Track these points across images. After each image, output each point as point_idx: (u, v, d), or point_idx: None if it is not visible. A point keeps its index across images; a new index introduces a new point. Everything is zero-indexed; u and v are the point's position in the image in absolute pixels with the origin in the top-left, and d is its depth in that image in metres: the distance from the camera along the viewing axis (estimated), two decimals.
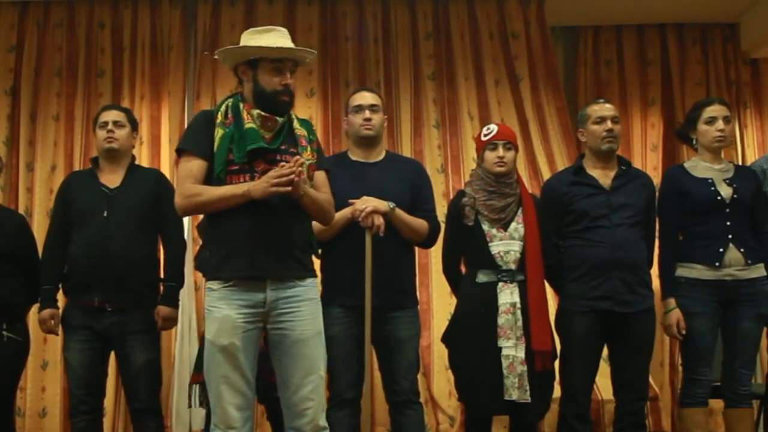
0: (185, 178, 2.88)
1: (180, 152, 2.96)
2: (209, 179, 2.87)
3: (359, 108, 3.48)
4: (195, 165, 2.87)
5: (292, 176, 2.75)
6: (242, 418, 2.82)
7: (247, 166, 2.86)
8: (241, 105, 2.93)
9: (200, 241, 3.68)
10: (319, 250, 3.19)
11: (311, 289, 2.93)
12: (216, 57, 3.07)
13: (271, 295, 2.84)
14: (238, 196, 2.80)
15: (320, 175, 3.02)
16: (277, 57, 2.91)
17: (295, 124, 2.99)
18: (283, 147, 2.91)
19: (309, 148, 2.95)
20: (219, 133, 2.88)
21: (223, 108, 2.95)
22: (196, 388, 3.54)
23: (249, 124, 2.88)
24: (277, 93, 2.91)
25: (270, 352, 2.92)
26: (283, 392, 2.89)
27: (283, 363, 2.86)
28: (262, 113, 2.89)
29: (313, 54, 3.04)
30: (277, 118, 2.91)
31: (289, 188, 2.76)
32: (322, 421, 2.88)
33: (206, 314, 2.90)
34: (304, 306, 2.87)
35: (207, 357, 2.86)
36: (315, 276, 2.98)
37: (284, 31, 3.00)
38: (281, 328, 2.85)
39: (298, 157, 2.84)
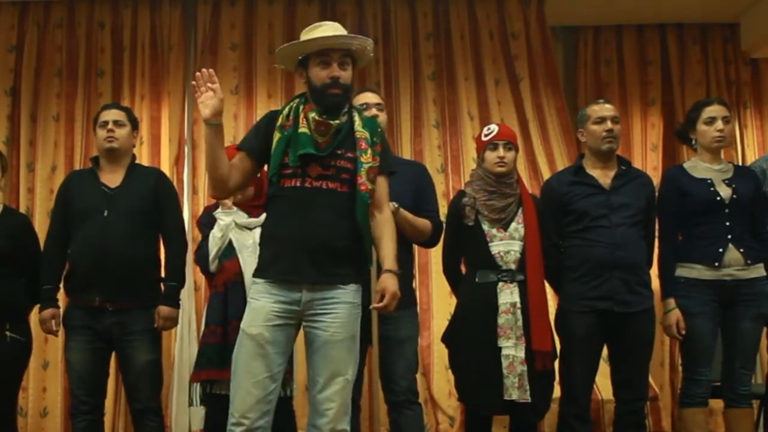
0: (232, 165, 2.93)
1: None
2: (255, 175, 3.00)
3: (366, 107, 3.47)
4: (237, 157, 2.94)
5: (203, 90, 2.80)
6: (259, 410, 2.79)
7: (301, 170, 2.84)
8: (302, 107, 2.89)
9: (200, 239, 3.69)
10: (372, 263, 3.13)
11: (352, 293, 2.87)
12: (277, 66, 3.05)
13: (306, 296, 2.83)
14: (207, 134, 2.89)
15: (381, 181, 2.93)
16: (322, 49, 2.85)
17: (357, 125, 2.91)
18: (339, 151, 2.86)
19: (369, 151, 2.88)
20: (277, 136, 2.87)
21: (286, 110, 2.92)
22: (196, 386, 3.54)
23: (302, 129, 2.85)
24: (326, 87, 2.84)
25: (305, 350, 2.92)
26: (310, 389, 2.89)
27: (313, 361, 2.85)
28: (317, 117, 2.84)
29: (362, 40, 2.89)
30: (331, 122, 2.85)
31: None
32: (342, 425, 2.82)
33: (247, 306, 2.90)
34: (340, 309, 2.84)
35: (237, 344, 2.85)
36: (359, 282, 2.92)
37: (334, 25, 2.94)
38: (315, 327, 2.84)
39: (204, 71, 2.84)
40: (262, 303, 2.83)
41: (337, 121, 2.86)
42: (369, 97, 3.50)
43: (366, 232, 2.88)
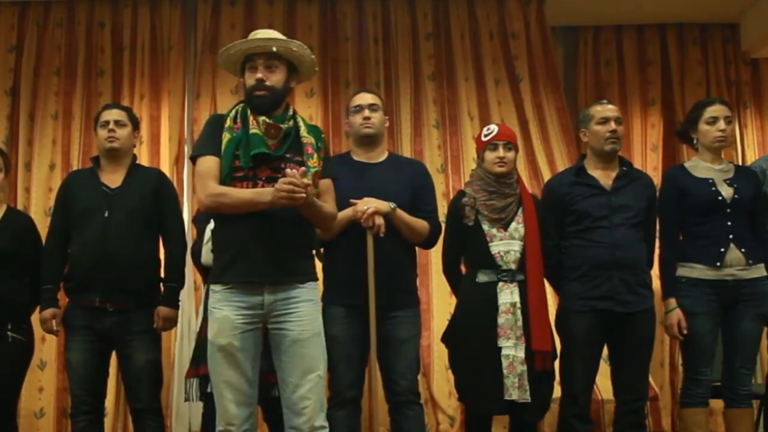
0: (207, 176, 2.90)
1: (194, 159, 2.97)
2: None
3: (359, 108, 3.49)
4: (213, 162, 2.90)
5: (300, 193, 2.75)
6: (241, 415, 2.87)
7: (252, 173, 2.89)
8: (249, 111, 2.94)
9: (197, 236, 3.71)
10: (322, 249, 3.20)
11: (311, 291, 2.95)
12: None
13: (268, 298, 2.88)
14: (263, 204, 2.81)
15: (325, 184, 3.01)
16: (249, 54, 2.94)
17: (303, 131, 2.98)
18: (288, 155, 2.92)
19: (315, 156, 2.94)
20: (226, 137, 2.91)
21: (232, 113, 2.97)
22: (194, 382, 3.54)
23: (254, 130, 2.90)
24: (252, 89, 2.93)
25: (272, 352, 2.95)
26: (282, 391, 2.92)
27: (283, 362, 2.90)
28: (267, 120, 2.90)
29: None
30: (281, 125, 2.91)
31: (299, 202, 2.76)
32: (320, 421, 2.88)
33: (209, 315, 2.95)
34: (303, 307, 2.90)
35: (208, 357, 2.91)
36: (316, 279, 3.00)
37: (266, 31, 3.05)
38: (280, 328, 2.89)
39: (303, 169, 2.83)
40: (225, 313, 2.87)
41: (286, 126, 2.93)
42: (363, 98, 3.52)
43: (314, 234, 3.01)
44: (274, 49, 2.93)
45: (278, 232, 2.86)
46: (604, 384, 3.99)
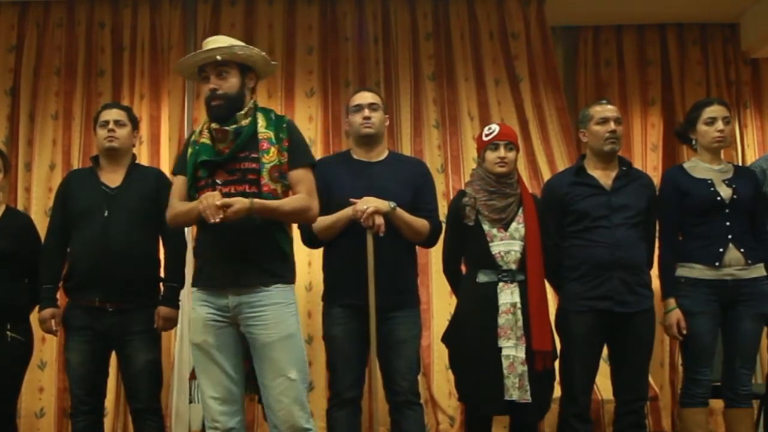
0: (173, 195, 3.07)
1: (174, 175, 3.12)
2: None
3: (359, 107, 3.49)
4: (180, 181, 3.04)
5: (213, 217, 2.79)
6: (225, 412, 2.94)
7: (210, 180, 2.96)
8: (209, 121, 3.02)
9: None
10: (293, 248, 3.17)
11: (278, 293, 2.94)
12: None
13: (233, 300, 2.93)
14: (195, 215, 2.91)
15: (297, 175, 3.00)
16: (200, 66, 3.01)
17: (260, 127, 2.99)
18: (242, 154, 2.95)
19: (273, 150, 2.95)
20: (189, 151, 3.01)
21: (200, 126, 3.06)
22: (196, 384, 3.54)
23: (203, 139, 2.98)
24: (208, 99, 3.00)
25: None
26: (261, 394, 2.98)
27: (258, 365, 2.95)
28: (215, 126, 2.96)
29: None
30: (227, 128, 2.94)
31: (215, 221, 2.79)
32: (300, 422, 2.89)
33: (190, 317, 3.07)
34: (269, 310, 2.91)
35: (192, 357, 3.02)
36: (285, 281, 2.98)
37: (217, 38, 3.08)
38: (250, 332, 2.94)
39: (217, 193, 2.85)
40: (198, 312, 2.99)
41: (234, 126, 2.95)
42: (363, 98, 3.52)
43: (280, 233, 2.97)
44: (219, 57, 2.97)
45: (238, 238, 2.89)
46: (604, 384, 3.99)
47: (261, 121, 3.00)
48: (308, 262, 4.62)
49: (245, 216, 2.84)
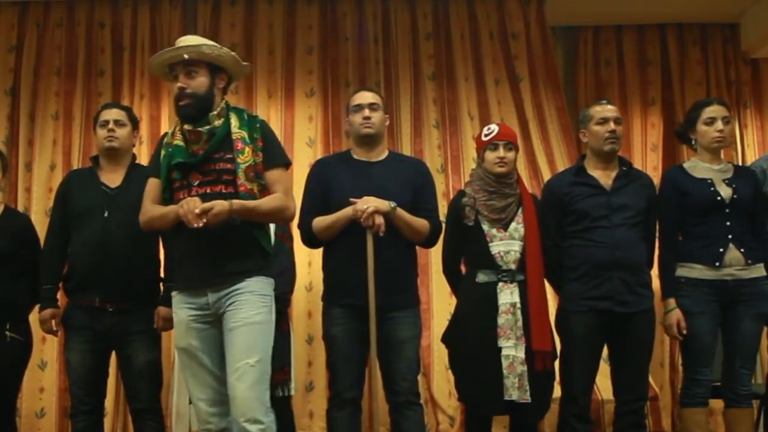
0: (145, 197, 3.07)
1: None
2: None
3: (359, 107, 3.48)
4: (153, 184, 3.04)
5: (194, 223, 2.79)
6: (216, 413, 2.95)
7: (185, 182, 2.96)
8: (180, 123, 3.02)
9: None
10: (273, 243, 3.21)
11: (254, 284, 2.94)
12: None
13: (212, 297, 2.94)
14: (172, 219, 2.91)
15: (273, 175, 3.00)
16: (170, 65, 3.01)
17: (233, 127, 2.99)
18: (216, 155, 2.95)
19: (247, 150, 2.95)
20: (163, 153, 3.01)
21: (172, 128, 3.06)
22: None
23: (176, 141, 2.98)
24: (176, 99, 3.01)
25: None
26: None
27: (225, 353, 2.93)
28: (188, 128, 2.96)
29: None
30: (200, 129, 2.95)
31: (198, 226, 2.79)
32: (255, 414, 2.83)
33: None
34: (242, 297, 2.91)
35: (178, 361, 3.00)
36: (262, 274, 2.98)
37: (186, 38, 3.09)
38: (223, 321, 2.95)
39: (197, 199, 2.85)
40: (180, 315, 3.00)
41: (208, 127, 2.95)
42: (363, 97, 3.51)
43: (259, 230, 2.99)
44: (186, 56, 2.97)
45: (212, 238, 2.88)
46: (604, 384, 3.99)
47: (234, 121, 3.00)
48: (308, 262, 4.62)
49: (226, 218, 2.85)
